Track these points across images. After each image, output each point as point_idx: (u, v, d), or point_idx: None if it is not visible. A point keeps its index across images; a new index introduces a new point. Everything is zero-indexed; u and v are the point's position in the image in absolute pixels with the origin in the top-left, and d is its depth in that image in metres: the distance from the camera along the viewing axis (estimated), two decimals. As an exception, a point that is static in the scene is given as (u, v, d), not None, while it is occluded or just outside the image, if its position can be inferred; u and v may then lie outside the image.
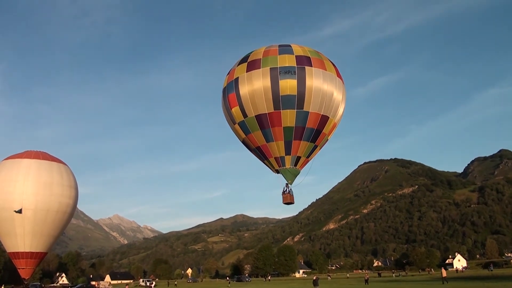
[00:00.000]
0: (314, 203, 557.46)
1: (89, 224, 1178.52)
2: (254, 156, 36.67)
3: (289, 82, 31.59)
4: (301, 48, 33.95)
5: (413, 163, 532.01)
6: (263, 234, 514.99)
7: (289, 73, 31.74)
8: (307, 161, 35.70)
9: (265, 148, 34.25)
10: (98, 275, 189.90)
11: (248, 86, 32.52)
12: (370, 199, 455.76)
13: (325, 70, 33.09)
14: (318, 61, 33.30)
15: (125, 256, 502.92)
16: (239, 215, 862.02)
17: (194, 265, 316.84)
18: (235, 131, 36.31)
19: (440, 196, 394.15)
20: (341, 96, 34.19)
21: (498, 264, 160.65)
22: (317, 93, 32.18)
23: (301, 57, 32.88)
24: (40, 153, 59.40)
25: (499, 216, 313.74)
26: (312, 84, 31.93)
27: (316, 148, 35.36)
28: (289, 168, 34.37)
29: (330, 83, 33.02)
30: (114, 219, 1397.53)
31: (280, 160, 34.25)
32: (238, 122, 34.61)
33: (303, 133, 33.16)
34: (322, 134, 34.35)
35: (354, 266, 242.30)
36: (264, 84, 31.84)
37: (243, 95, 32.87)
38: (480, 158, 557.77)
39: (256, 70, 32.45)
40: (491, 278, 70.59)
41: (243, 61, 34.35)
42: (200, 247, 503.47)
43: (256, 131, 33.68)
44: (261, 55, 33.44)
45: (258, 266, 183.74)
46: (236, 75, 33.86)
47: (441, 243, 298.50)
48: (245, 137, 35.37)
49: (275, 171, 35.67)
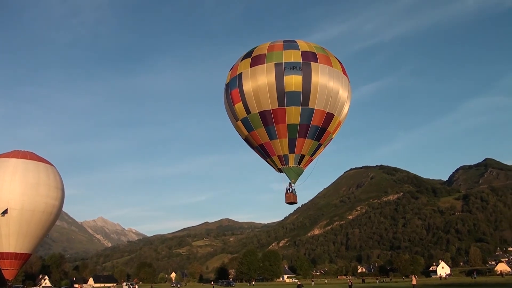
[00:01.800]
0: (300, 208, 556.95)
1: (73, 226, 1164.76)
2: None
3: (294, 78, 30.73)
4: (306, 44, 33.17)
5: (399, 170, 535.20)
6: (248, 239, 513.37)
7: (294, 68, 30.88)
8: (311, 160, 34.82)
9: (269, 145, 33.30)
10: (81, 278, 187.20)
11: (252, 82, 31.58)
12: (356, 205, 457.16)
13: (331, 66, 32.28)
14: (324, 57, 32.50)
15: (109, 259, 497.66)
16: (224, 219, 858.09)
17: (178, 269, 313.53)
18: (237, 128, 35.35)
19: (425, 204, 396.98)
20: (346, 94, 33.46)
21: (481, 272, 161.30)
22: (323, 90, 31.38)
23: (306, 52, 32.05)
24: (27, 153, 58.62)
25: (483, 224, 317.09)
26: (318, 81, 31.11)
27: (321, 146, 34.53)
28: (293, 167, 33.43)
29: (336, 80, 32.24)
30: (98, 221, 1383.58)
31: (284, 159, 33.34)
32: (241, 119, 33.64)
33: (308, 131, 32.31)
34: (327, 132, 33.52)
35: (338, 272, 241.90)
36: (269, 79, 30.93)
37: (246, 91, 31.89)
38: (465, 166, 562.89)
39: (261, 65, 31.53)
40: (474, 286, 70.83)
41: (247, 56, 33.41)
42: (184, 251, 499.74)
43: (260, 128, 32.72)
44: (265, 50, 32.53)
45: (243, 270, 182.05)
46: (239, 70, 32.90)
47: (425, 250, 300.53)
48: (247, 134, 34.39)
49: (277, 170, 34.78)
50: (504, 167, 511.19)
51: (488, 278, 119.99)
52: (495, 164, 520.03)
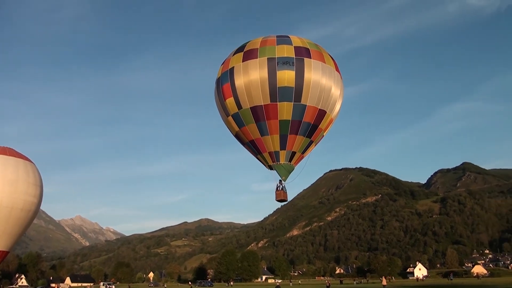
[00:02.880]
0: (279, 209, 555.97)
1: (51, 225, 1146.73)
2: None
3: (287, 74, 30.27)
4: (299, 39, 32.68)
5: (378, 172, 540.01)
6: (227, 239, 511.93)
7: (287, 64, 30.39)
8: (302, 157, 34.30)
9: (259, 142, 32.73)
10: (58, 277, 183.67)
11: (244, 76, 30.97)
12: (334, 207, 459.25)
13: (324, 62, 31.90)
14: (317, 53, 32.07)
15: (86, 258, 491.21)
16: (203, 219, 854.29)
17: (156, 269, 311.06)
18: (228, 124, 34.65)
19: (403, 206, 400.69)
20: (339, 91, 33.07)
21: (458, 274, 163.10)
22: (315, 86, 30.94)
23: (300, 48, 31.57)
24: (7, 149, 57.22)
25: (460, 227, 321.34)
26: (311, 77, 30.67)
27: (312, 144, 34.07)
28: (284, 164, 32.94)
29: (329, 77, 31.84)
30: (76, 220, 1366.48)
31: (275, 155, 32.83)
32: (232, 114, 32.99)
33: (300, 127, 31.84)
34: (318, 129, 33.08)
35: (316, 272, 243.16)
36: (261, 74, 30.40)
37: (238, 85, 31.28)
38: (444, 170, 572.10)
39: (253, 60, 30.95)
40: (450, 287, 71.49)
41: (239, 51, 32.77)
42: (163, 251, 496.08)
43: (251, 124, 32.13)
44: (258, 44, 31.96)
45: (221, 271, 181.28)
46: (231, 64, 32.24)
47: (403, 251, 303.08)
48: (238, 130, 33.73)
49: (268, 167, 34.32)
50: (481, 171, 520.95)
51: (464, 280, 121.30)
52: (473, 168, 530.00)
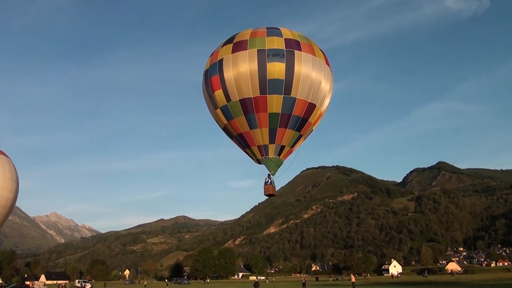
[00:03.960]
0: (257, 207, 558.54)
1: (26, 221, 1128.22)
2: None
3: (277, 66, 29.83)
4: (290, 32, 32.29)
5: (354, 171, 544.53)
6: (204, 236, 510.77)
7: (277, 56, 29.95)
8: (290, 151, 33.94)
9: (248, 135, 32.22)
10: (33, 274, 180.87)
11: (233, 68, 30.42)
12: (311, 205, 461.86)
13: (314, 56, 31.52)
14: (307, 46, 31.68)
15: (62, 256, 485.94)
16: (180, 216, 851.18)
17: (132, 266, 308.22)
18: (216, 116, 34.02)
19: (379, 204, 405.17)
20: (329, 85, 32.73)
21: (432, 271, 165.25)
22: (306, 79, 30.58)
23: (290, 40, 31.18)
24: (-18, 143, 55.43)
25: (435, 225, 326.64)
26: (301, 70, 30.30)
27: (301, 138, 33.69)
28: (272, 158, 32.50)
29: (319, 70, 31.48)
30: (51, 216, 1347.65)
31: (264, 149, 32.36)
32: (220, 107, 32.37)
33: (289, 120, 31.44)
34: (308, 123, 32.72)
35: (293, 270, 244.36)
36: (251, 66, 29.91)
37: (227, 77, 30.70)
38: (419, 169, 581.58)
39: (243, 52, 30.43)
40: (425, 284, 72.16)
41: (228, 42, 32.21)
42: (139, 248, 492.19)
43: (240, 117, 31.60)
44: (248, 36, 31.44)
45: (198, 268, 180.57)
46: (220, 56, 31.63)
47: (378, 249, 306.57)
48: (226, 123, 33.13)
49: (256, 161, 33.82)
50: (456, 170, 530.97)
51: (438, 277, 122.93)
52: (448, 167, 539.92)
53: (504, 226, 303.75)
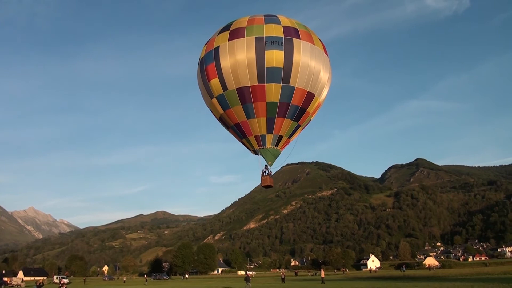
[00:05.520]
0: (237, 202, 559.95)
1: (3, 216, 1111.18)
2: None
3: (276, 54, 29.03)
4: (288, 20, 31.55)
5: (333, 167, 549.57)
6: (183, 232, 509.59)
7: (276, 43, 29.16)
8: (288, 142, 33.26)
9: (245, 125, 31.36)
10: (10, 270, 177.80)
11: (230, 56, 29.54)
12: (291, 200, 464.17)
13: (313, 44, 30.85)
14: (306, 34, 31.00)
15: (40, 252, 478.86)
16: (159, 212, 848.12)
17: (111, 262, 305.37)
18: (211, 106, 33.00)
19: (357, 200, 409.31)
20: (327, 75, 32.14)
21: (410, 266, 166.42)
22: (305, 68, 29.88)
23: (288, 28, 30.44)
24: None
25: (413, 221, 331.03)
26: (300, 58, 29.60)
27: (299, 128, 33.01)
28: (270, 148, 31.77)
29: (318, 59, 30.80)
30: (29, 211, 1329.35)
31: (261, 139, 31.60)
32: (216, 96, 31.38)
33: (288, 110, 30.70)
34: (306, 113, 32.03)
35: (272, 265, 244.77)
36: (248, 54, 29.06)
37: (224, 65, 29.80)
38: (397, 165, 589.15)
39: (240, 39, 29.54)
40: (403, 278, 72.51)
41: (224, 30, 31.23)
42: (118, 244, 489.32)
43: (237, 106, 30.68)
44: (245, 23, 30.53)
45: (177, 264, 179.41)
46: (216, 44, 30.66)
47: (357, 244, 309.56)
48: (223, 113, 32.20)
49: (253, 152, 33.05)
50: (434, 167, 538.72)
51: (416, 271, 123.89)
52: (426, 164, 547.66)
53: (481, 221, 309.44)
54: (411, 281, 60.15)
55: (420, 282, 56.13)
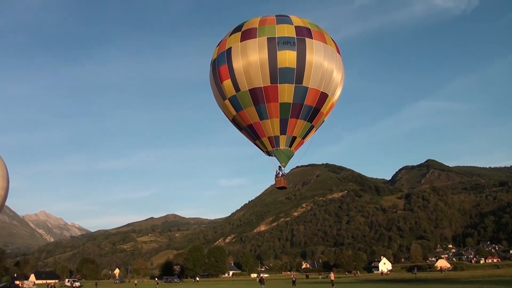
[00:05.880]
0: (247, 205, 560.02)
1: (15, 220, 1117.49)
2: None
3: (288, 54, 28.88)
4: (300, 19, 31.34)
5: (344, 168, 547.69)
6: (194, 235, 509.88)
7: (288, 43, 29.01)
8: (302, 143, 33.01)
9: (258, 126, 31.19)
10: (22, 274, 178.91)
11: (242, 57, 29.47)
12: (301, 202, 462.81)
13: (325, 43, 30.68)
14: (318, 33, 30.81)
15: (51, 255, 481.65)
16: (170, 215, 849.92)
17: (122, 265, 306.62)
18: (224, 108, 32.91)
19: (368, 202, 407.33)
20: (340, 74, 31.94)
21: (422, 268, 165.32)
22: (318, 67, 29.69)
23: (300, 28, 30.24)
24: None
25: (424, 222, 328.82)
26: (313, 58, 29.42)
27: (313, 128, 32.80)
28: (283, 149, 31.57)
29: (331, 58, 30.65)
30: (40, 215, 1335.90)
31: (274, 140, 31.42)
32: (229, 97, 31.28)
33: (301, 110, 30.48)
34: (320, 113, 31.80)
35: (283, 267, 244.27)
36: (261, 54, 28.97)
37: (236, 66, 29.73)
38: (408, 166, 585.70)
39: (252, 40, 29.45)
40: (414, 281, 71.86)
41: (236, 30, 31.19)
42: (129, 247, 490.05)
43: (249, 107, 30.56)
44: (257, 24, 30.44)
45: (188, 266, 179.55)
46: (228, 45, 30.63)
47: (368, 246, 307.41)
48: (235, 114, 32.08)
49: (266, 153, 32.89)
50: (445, 168, 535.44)
51: (428, 274, 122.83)
52: (437, 165, 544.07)
53: (493, 223, 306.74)
54: (423, 284, 59.85)
55: (431, 285, 55.89)
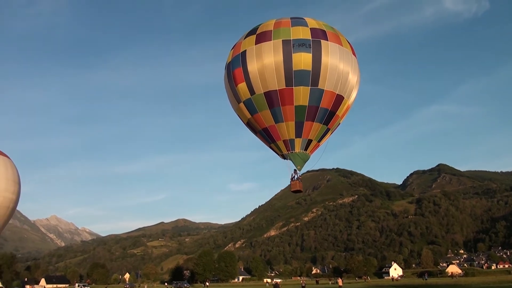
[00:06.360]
0: (257, 210, 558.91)
1: (26, 225, 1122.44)
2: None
3: (304, 56, 28.58)
4: (315, 21, 31.03)
5: (354, 173, 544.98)
6: (204, 240, 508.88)
7: (303, 46, 28.71)
8: (317, 146, 32.59)
9: (273, 129, 30.86)
10: (33, 278, 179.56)
11: (257, 60, 29.22)
12: (311, 207, 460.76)
13: (341, 45, 30.44)
14: (333, 35, 30.58)
15: (62, 259, 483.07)
16: (180, 220, 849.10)
17: (133, 270, 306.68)
18: (239, 111, 32.67)
19: (379, 207, 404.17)
20: (356, 77, 31.58)
21: (432, 274, 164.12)
22: (333, 69, 29.41)
23: (316, 30, 29.98)
24: (-16, 144, 54.73)
25: (435, 228, 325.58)
26: (328, 60, 29.14)
27: (328, 131, 32.35)
28: (299, 153, 31.17)
29: (346, 60, 30.34)
30: (51, 220, 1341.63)
31: (290, 143, 31.02)
32: (244, 101, 31.04)
33: (317, 113, 30.10)
34: (335, 116, 31.45)
35: (293, 273, 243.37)
36: (276, 57, 28.70)
37: (251, 69, 29.49)
38: (419, 171, 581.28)
39: (267, 42, 29.21)
40: (425, 287, 71.89)
41: (251, 33, 30.94)
42: (139, 252, 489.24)
43: (264, 110, 30.26)
44: (272, 26, 30.20)
45: (198, 271, 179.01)
46: (243, 48, 30.42)
47: (378, 251, 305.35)
48: (250, 118, 31.80)
49: (281, 156, 32.50)
50: (456, 172, 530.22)
51: (439, 279, 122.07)
52: (448, 169, 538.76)
53: (505, 228, 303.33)
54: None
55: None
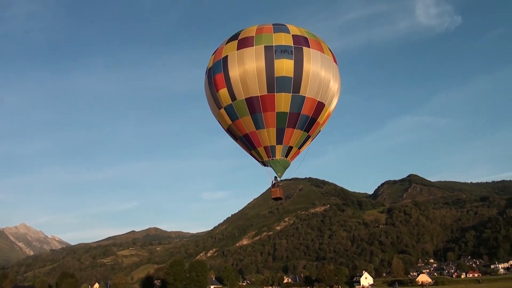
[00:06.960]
0: (229, 218, 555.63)
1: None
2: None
3: (286, 63, 28.60)
4: (297, 28, 31.14)
5: (326, 183, 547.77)
6: (175, 249, 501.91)
7: (285, 52, 28.71)
8: (298, 153, 32.53)
9: (254, 135, 30.67)
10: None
11: (238, 66, 29.02)
12: (284, 216, 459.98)
13: (323, 52, 30.46)
14: (315, 42, 30.62)
15: (31, 269, 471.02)
16: (152, 228, 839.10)
17: (102, 279, 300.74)
18: (219, 117, 32.29)
19: (351, 216, 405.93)
20: (337, 84, 31.69)
21: (403, 283, 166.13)
22: (315, 77, 29.41)
23: (298, 36, 30.05)
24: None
25: (406, 237, 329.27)
26: (310, 67, 29.16)
27: (309, 138, 32.35)
28: (280, 160, 31.07)
29: (328, 68, 30.41)
30: (20, 228, 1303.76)
31: (270, 150, 30.86)
32: (224, 106, 30.76)
33: (298, 120, 30.09)
34: (316, 123, 31.43)
35: (265, 282, 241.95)
36: (258, 63, 28.58)
37: (232, 75, 29.28)
38: (390, 181, 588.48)
39: (249, 48, 29.10)
40: None
41: (233, 39, 30.68)
42: (109, 261, 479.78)
43: (245, 116, 30.08)
44: (254, 32, 30.08)
45: (169, 281, 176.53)
46: (225, 53, 30.16)
47: (350, 261, 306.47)
48: (231, 124, 31.50)
49: (261, 163, 32.29)
50: (427, 183, 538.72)
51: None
52: (419, 180, 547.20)
53: (474, 238, 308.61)
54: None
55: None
